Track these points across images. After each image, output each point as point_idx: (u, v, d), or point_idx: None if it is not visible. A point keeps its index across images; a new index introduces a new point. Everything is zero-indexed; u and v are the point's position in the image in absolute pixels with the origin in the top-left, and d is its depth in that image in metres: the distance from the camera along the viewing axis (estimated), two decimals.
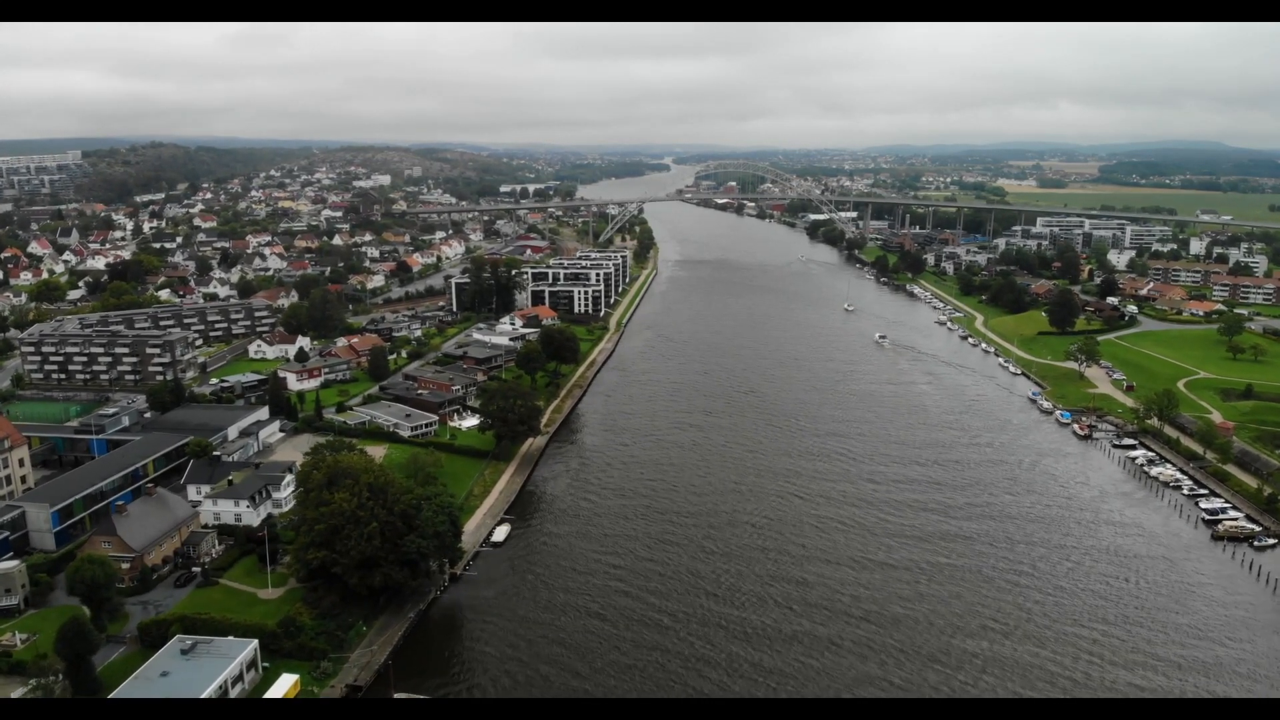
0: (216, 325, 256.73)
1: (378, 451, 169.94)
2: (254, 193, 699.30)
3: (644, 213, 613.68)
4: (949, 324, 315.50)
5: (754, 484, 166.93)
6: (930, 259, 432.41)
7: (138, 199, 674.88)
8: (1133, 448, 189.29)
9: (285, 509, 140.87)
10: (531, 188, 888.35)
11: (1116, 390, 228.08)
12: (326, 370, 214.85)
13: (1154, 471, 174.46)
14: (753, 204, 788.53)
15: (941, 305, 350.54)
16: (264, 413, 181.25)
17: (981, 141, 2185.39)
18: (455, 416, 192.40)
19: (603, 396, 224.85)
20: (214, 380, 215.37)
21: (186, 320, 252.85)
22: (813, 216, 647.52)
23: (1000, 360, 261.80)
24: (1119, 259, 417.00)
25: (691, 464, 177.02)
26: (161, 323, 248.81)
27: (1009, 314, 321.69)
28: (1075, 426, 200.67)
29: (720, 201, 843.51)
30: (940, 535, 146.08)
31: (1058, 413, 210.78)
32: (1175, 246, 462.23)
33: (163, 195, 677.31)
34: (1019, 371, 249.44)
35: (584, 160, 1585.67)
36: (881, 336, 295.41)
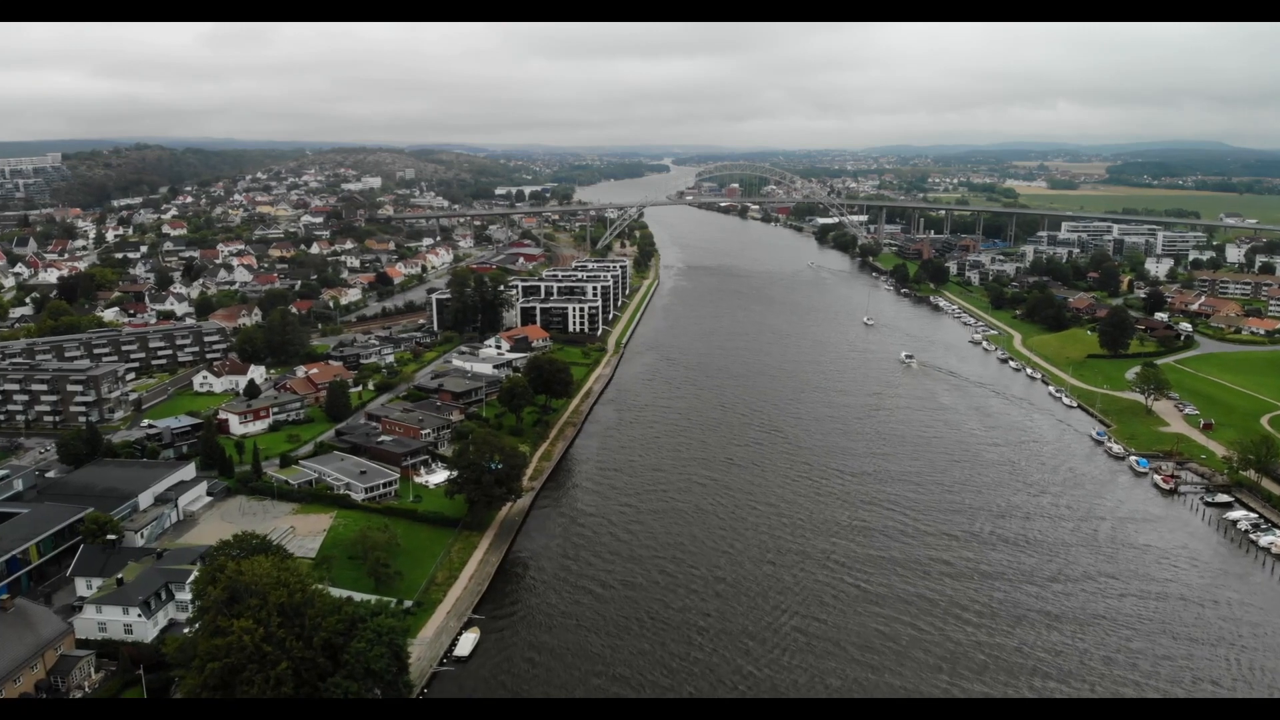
0: (160, 352, 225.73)
1: (323, 521, 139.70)
2: (236, 196, 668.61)
3: (644, 216, 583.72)
4: (985, 343, 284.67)
5: (793, 560, 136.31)
6: (952, 267, 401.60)
7: (115, 203, 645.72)
8: (1228, 506, 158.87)
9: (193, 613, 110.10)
10: (528, 190, 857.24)
11: (1192, 429, 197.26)
12: (276, 409, 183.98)
13: (1264, 541, 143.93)
14: (757, 207, 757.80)
15: (973, 321, 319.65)
16: (189, 470, 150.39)
17: (981, 141, 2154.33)
18: (422, 469, 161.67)
19: (599, 437, 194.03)
20: (146, 422, 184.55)
21: (125, 347, 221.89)
22: (821, 220, 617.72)
23: (1051, 389, 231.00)
24: (1157, 268, 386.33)
25: (713, 532, 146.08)
26: (96, 351, 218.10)
27: (1048, 332, 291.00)
28: (1157, 478, 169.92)
29: (722, 204, 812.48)
30: (1038, 620, 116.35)
31: (1132, 459, 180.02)
32: (1213, 254, 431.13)
33: (140, 200, 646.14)
34: (1074, 403, 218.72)
35: (582, 161, 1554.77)
36: (908, 356, 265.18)
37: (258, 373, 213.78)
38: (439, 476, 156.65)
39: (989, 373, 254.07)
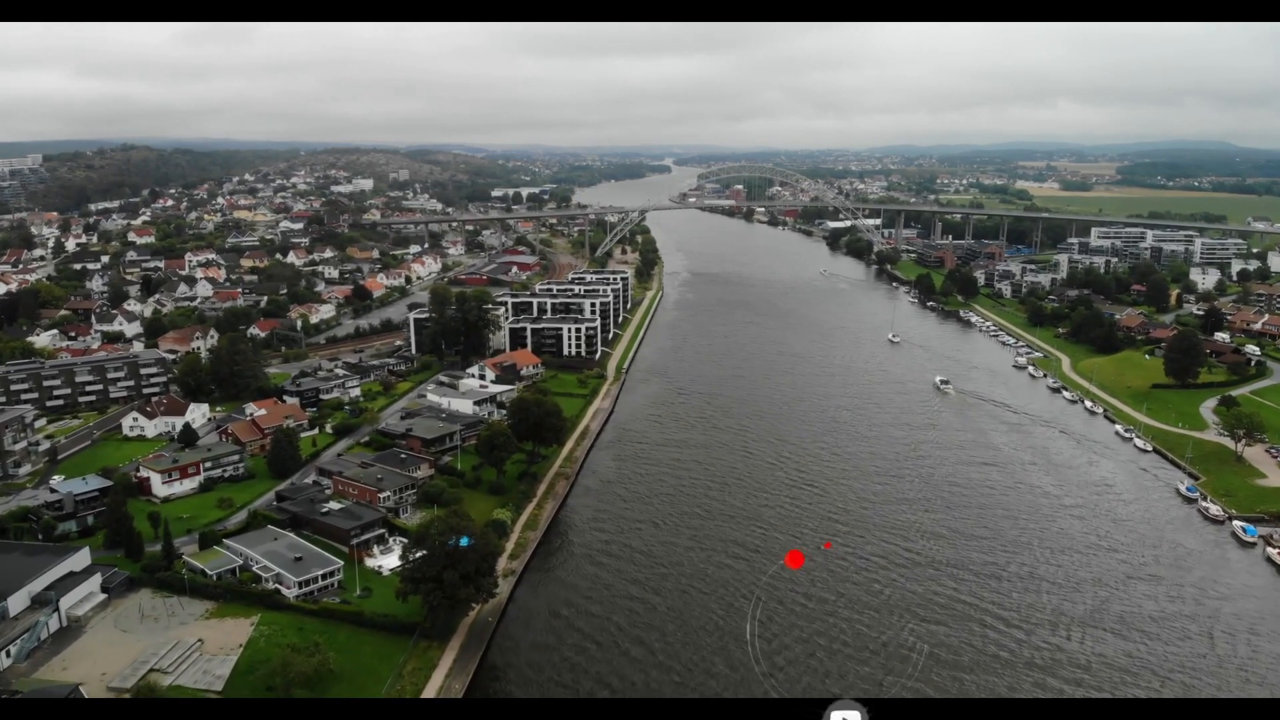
0: (89, 387, 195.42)
1: (241, 629, 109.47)
2: (219, 200, 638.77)
3: (646, 220, 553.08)
4: (1031, 368, 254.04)
5: (869, 674, 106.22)
6: (980, 277, 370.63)
7: (92, 207, 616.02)
8: None
9: None
10: (525, 192, 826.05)
11: None
12: (209, 464, 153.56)
13: None
14: (763, 210, 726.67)
15: (1012, 341, 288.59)
16: (82, 557, 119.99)
17: (983, 141, 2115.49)
18: (376, 548, 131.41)
19: (598, 494, 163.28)
20: (58, 478, 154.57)
21: (48, 382, 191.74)
22: (831, 224, 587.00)
23: (1119, 428, 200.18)
24: (1203, 280, 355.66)
25: (751, 628, 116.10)
26: (13, 387, 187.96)
27: (1099, 354, 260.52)
28: (1271, 551, 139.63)
29: (727, 206, 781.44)
30: None
31: (1236, 524, 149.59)
32: (1260, 263, 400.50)
33: (118, 204, 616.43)
34: (1148, 446, 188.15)
35: (582, 162, 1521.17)
36: (944, 382, 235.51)
37: (199, 412, 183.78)
38: (395, 559, 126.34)
39: (1040, 404, 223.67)
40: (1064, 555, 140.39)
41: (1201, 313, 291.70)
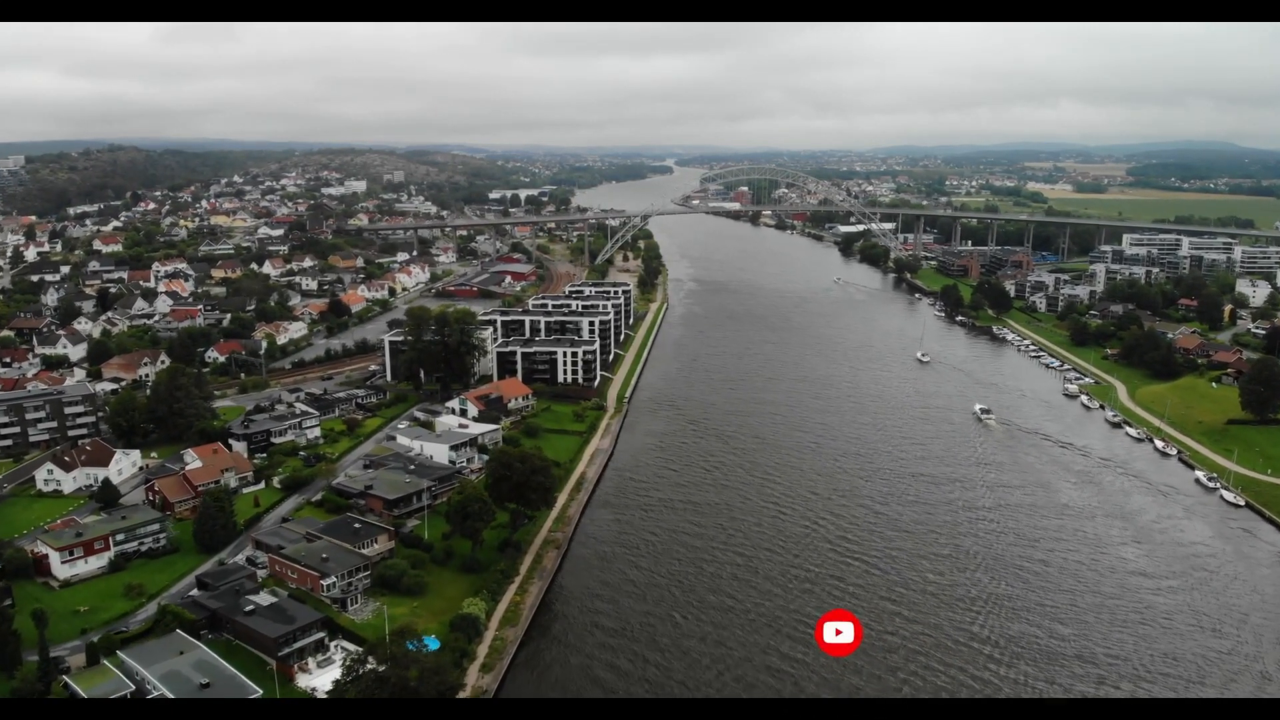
0: (4, 430, 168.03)
1: None
2: (202, 203, 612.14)
3: (649, 223, 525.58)
4: (1084, 397, 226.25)
5: None
6: (1010, 288, 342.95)
7: (71, 210, 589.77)
8: None
9: None
10: (523, 194, 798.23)
11: None
12: (121, 535, 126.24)
13: None
14: (769, 213, 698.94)
15: (1056, 363, 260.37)
16: None
17: (986, 141, 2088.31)
18: (311, 659, 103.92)
19: (596, 569, 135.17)
20: None
21: None
22: (843, 229, 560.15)
23: (1200, 475, 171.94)
24: (1254, 293, 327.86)
25: None
26: None
27: (1156, 380, 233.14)
28: None
29: (728, 208, 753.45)
30: None
31: None
32: None
33: (97, 207, 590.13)
34: (1240, 499, 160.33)
35: (583, 162, 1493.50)
36: (985, 411, 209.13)
37: (129, 461, 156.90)
38: (335, 673, 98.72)
39: (1100, 441, 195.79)
40: (1160, 642, 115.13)
41: (1263, 332, 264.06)
